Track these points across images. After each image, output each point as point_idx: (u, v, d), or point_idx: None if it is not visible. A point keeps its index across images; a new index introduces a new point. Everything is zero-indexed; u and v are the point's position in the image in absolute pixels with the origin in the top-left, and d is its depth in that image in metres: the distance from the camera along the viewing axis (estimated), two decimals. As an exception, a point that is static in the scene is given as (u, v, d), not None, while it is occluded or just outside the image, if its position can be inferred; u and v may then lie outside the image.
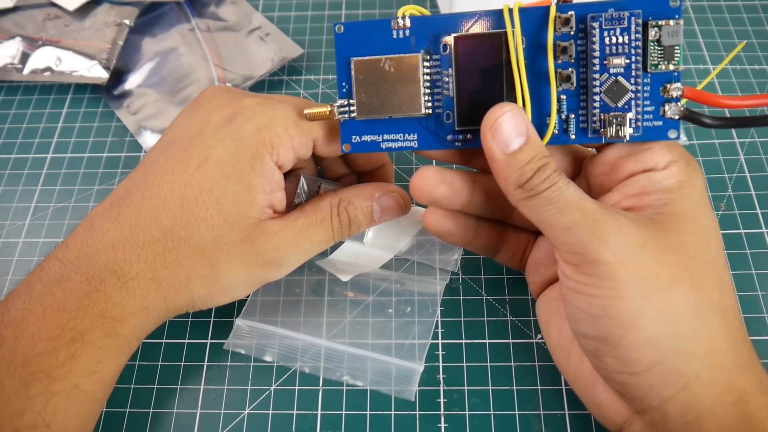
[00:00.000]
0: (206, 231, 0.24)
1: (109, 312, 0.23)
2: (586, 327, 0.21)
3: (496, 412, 0.27)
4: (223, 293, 0.26)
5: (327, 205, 0.26)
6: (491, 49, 0.23)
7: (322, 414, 0.28)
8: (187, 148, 0.25)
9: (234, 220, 0.24)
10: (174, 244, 0.24)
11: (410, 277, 0.31)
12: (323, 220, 0.26)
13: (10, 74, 0.40)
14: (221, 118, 0.25)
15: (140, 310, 0.24)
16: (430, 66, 0.24)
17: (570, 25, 0.22)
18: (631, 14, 0.21)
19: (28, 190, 0.36)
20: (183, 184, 0.24)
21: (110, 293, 0.23)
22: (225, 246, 0.24)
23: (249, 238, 0.25)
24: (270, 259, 0.25)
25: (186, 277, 0.24)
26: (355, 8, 0.43)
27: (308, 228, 0.26)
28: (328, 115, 0.24)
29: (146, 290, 0.24)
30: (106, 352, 0.23)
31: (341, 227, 0.26)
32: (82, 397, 0.22)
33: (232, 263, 0.25)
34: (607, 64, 0.22)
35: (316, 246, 0.26)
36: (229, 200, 0.24)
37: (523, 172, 0.21)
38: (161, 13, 0.43)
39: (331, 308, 0.30)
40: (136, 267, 0.24)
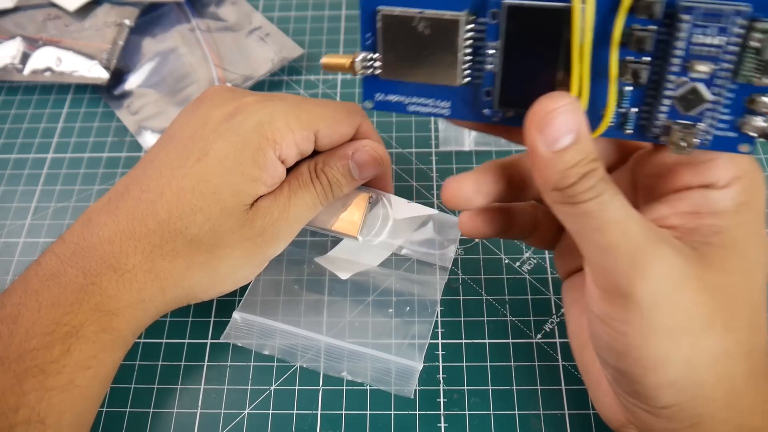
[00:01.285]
0: (203, 221, 0.24)
1: (105, 305, 0.23)
2: (606, 356, 0.20)
3: (496, 412, 0.27)
4: (224, 279, 0.26)
5: (305, 170, 0.26)
6: (550, 25, 0.18)
7: (322, 414, 0.28)
8: (187, 143, 0.25)
9: (231, 209, 0.24)
10: (171, 236, 0.24)
11: (409, 276, 0.31)
12: (306, 184, 0.26)
13: (11, 74, 0.40)
14: (222, 115, 0.25)
15: (136, 302, 0.24)
16: (473, 32, 0.19)
17: (653, 11, 0.17)
18: (736, 11, 0.17)
19: (28, 190, 0.36)
20: (181, 176, 0.24)
21: (106, 286, 0.23)
22: (223, 233, 0.24)
23: (247, 222, 0.25)
24: (267, 236, 0.25)
25: (185, 266, 0.24)
26: (355, 8, 0.43)
27: (294, 193, 0.26)
28: (347, 68, 0.21)
29: (143, 282, 0.24)
30: (101, 347, 0.23)
31: (323, 189, 0.26)
32: (77, 393, 0.22)
33: (231, 248, 0.25)
34: (688, 67, 0.18)
35: (307, 211, 0.26)
36: (228, 190, 0.24)
37: (566, 176, 0.18)
38: (161, 13, 0.43)
39: (331, 307, 0.30)
40: (132, 259, 0.24)
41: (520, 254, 0.32)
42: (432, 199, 0.34)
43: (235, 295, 0.31)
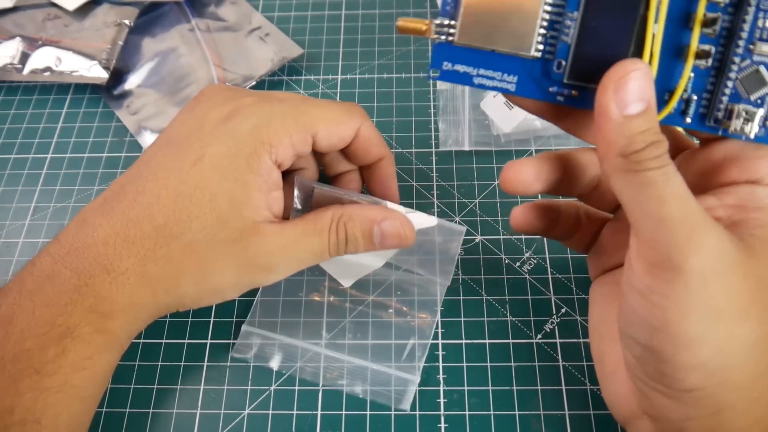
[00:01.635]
0: (198, 229, 0.24)
1: (99, 307, 0.23)
2: (638, 333, 0.20)
3: (496, 413, 0.27)
4: (211, 294, 0.25)
5: (329, 217, 0.26)
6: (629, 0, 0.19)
7: (322, 414, 0.28)
8: (184, 145, 0.25)
9: (227, 219, 0.24)
10: (165, 241, 0.24)
11: (411, 279, 0.31)
12: (321, 231, 0.25)
13: (10, 74, 0.40)
14: (219, 117, 0.25)
15: (129, 305, 0.24)
16: (553, 2, 0.20)
17: None
18: None
19: (28, 190, 0.36)
20: (178, 181, 0.24)
21: (99, 288, 0.23)
22: (217, 245, 0.24)
23: (242, 238, 0.24)
24: (261, 262, 0.25)
25: (176, 274, 0.24)
26: (355, 8, 0.43)
27: (305, 236, 0.25)
28: (423, 32, 0.21)
29: (135, 286, 0.24)
30: (96, 348, 0.23)
31: (338, 242, 0.26)
32: (73, 393, 0.22)
33: (223, 263, 0.24)
34: (752, 49, 0.19)
35: (310, 257, 0.26)
36: (224, 198, 0.24)
37: (634, 141, 0.19)
38: (161, 13, 0.43)
39: (331, 309, 0.30)
40: (126, 262, 0.23)
41: (520, 254, 0.32)
42: (432, 199, 0.34)
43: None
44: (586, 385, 0.28)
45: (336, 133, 0.26)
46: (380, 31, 0.42)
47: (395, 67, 0.40)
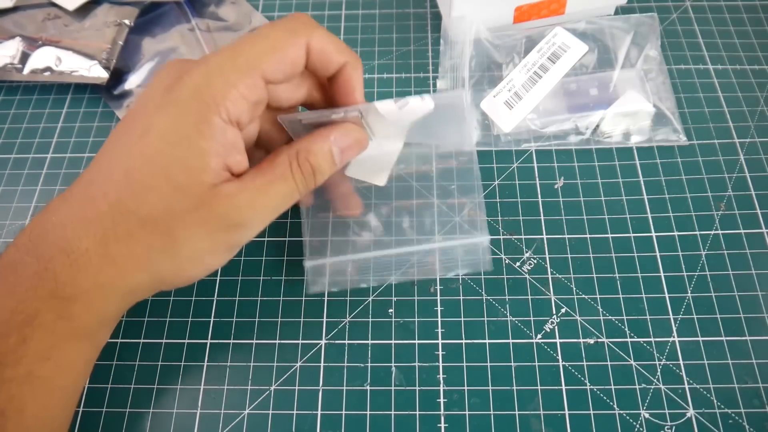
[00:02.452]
0: (156, 200, 0.23)
1: (60, 292, 0.22)
2: None
3: (496, 412, 0.27)
4: (190, 264, 0.24)
5: (285, 159, 0.25)
6: None
7: (322, 414, 0.28)
8: (131, 121, 0.24)
9: (185, 187, 0.23)
10: (123, 217, 0.23)
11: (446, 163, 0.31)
12: (283, 175, 0.25)
13: (10, 74, 0.40)
14: (163, 88, 0.24)
15: (94, 287, 0.23)
16: None
17: None
18: None
19: (28, 190, 0.36)
20: (126, 156, 0.23)
21: (59, 272, 0.22)
22: (179, 214, 0.23)
23: (204, 203, 0.23)
24: (233, 221, 0.24)
25: (144, 250, 0.23)
26: (355, 8, 0.43)
27: (269, 186, 0.24)
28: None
29: (98, 266, 0.23)
30: (60, 337, 0.22)
31: (305, 178, 0.25)
32: (39, 384, 0.21)
33: (191, 230, 0.23)
34: None
35: (281, 202, 0.25)
36: (178, 167, 0.23)
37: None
38: (161, 13, 0.43)
39: (378, 212, 0.31)
40: (84, 243, 0.22)
41: (520, 254, 0.32)
42: (432, 199, 0.34)
43: (235, 296, 0.31)
44: (586, 385, 0.28)
45: (285, 61, 0.24)
46: (380, 31, 0.42)
47: (395, 67, 0.40)
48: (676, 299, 0.30)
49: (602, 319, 0.30)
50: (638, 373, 0.28)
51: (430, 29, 0.42)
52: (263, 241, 0.33)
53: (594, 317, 0.30)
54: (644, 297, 0.30)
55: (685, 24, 0.41)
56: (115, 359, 0.29)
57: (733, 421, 0.27)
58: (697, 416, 0.27)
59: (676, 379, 0.28)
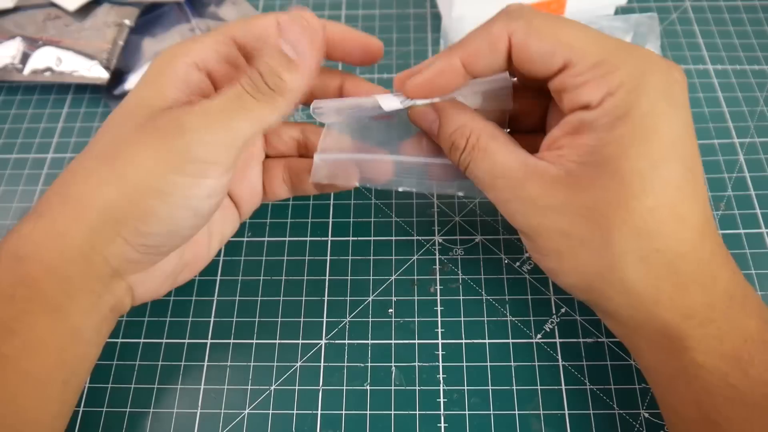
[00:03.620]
0: (108, 135, 0.23)
1: (19, 249, 0.21)
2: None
3: (496, 412, 0.27)
4: (141, 194, 0.21)
5: (241, 76, 0.23)
6: None
7: (322, 414, 0.28)
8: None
9: (132, 114, 0.23)
10: (82, 158, 0.23)
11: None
12: (231, 83, 0.23)
13: (11, 74, 0.40)
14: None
15: (52, 237, 0.21)
16: None
17: None
18: None
19: (28, 190, 0.36)
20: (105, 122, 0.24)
21: (22, 227, 0.21)
22: (125, 136, 0.22)
23: (149, 121, 0.22)
24: (174, 125, 0.22)
25: (95, 183, 0.21)
26: (355, 8, 0.43)
27: (217, 95, 0.22)
28: None
29: (57, 212, 0.21)
30: (22, 306, 0.20)
31: (253, 82, 0.22)
32: (4, 363, 0.20)
33: (134, 147, 0.21)
34: None
35: (235, 111, 0.22)
36: (136, 103, 0.23)
37: (447, 149, 0.25)
38: (161, 13, 0.43)
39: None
40: (48, 194, 0.22)
41: (520, 254, 0.32)
42: (432, 199, 0.34)
43: (235, 295, 0.31)
44: (586, 385, 0.28)
45: (253, 25, 0.25)
46: (380, 31, 0.42)
47: (395, 67, 0.40)
48: (676, 299, 0.30)
49: (602, 319, 0.30)
50: (638, 372, 0.28)
51: (430, 29, 0.42)
52: (263, 241, 0.33)
53: (594, 317, 0.30)
54: (644, 297, 0.30)
55: (684, 24, 0.41)
56: (115, 359, 0.29)
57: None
58: (697, 416, 0.27)
59: (676, 378, 0.28)
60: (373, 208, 0.33)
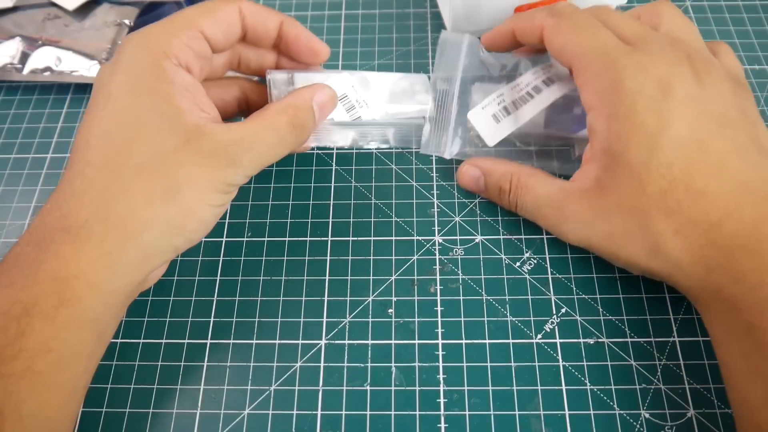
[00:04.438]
0: (142, 148, 0.23)
1: (62, 271, 0.21)
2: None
3: (496, 412, 0.27)
4: (197, 205, 0.23)
5: (275, 110, 0.26)
6: None
7: (322, 414, 0.28)
8: (93, 99, 0.25)
9: (168, 128, 0.23)
10: (114, 175, 0.22)
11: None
12: (273, 124, 0.25)
13: (10, 74, 0.40)
14: (108, 64, 0.25)
15: (98, 257, 0.21)
16: None
17: None
18: None
19: (28, 190, 0.36)
20: (97, 122, 0.23)
21: (61, 250, 0.21)
22: (170, 154, 0.23)
23: (191, 140, 0.23)
24: (222, 156, 0.23)
25: (143, 201, 0.22)
26: (355, 8, 0.43)
27: (258, 130, 0.25)
28: None
29: (102, 233, 0.21)
30: (62, 325, 0.21)
31: (294, 130, 0.26)
32: (37, 380, 0.20)
33: (186, 168, 0.23)
34: None
35: (269, 149, 0.25)
36: (152, 113, 0.23)
37: (495, 196, 0.31)
38: (161, 13, 0.43)
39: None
40: (83, 214, 0.22)
41: (520, 254, 0.32)
42: (432, 199, 0.34)
43: (235, 295, 0.31)
44: (586, 385, 0.28)
45: (219, 18, 0.26)
46: (380, 31, 0.42)
47: (395, 67, 0.40)
48: (676, 299, 0.30)
49: (602, 319, 0.30)
50: (638, 373, 0.28)
51: (430, 29, 0.42)
52: (263, 241, 0.33)
53: (594, 317, 0.30)
54: (644, 297, 0.30)
55: (685, 24, 0.41)
56: (115, 359, 0.29)
57: (733, 421, 0.27)
58: (697, 416, 0.27)
59: (676, 379, 0.28)
60: (373, 208, 0.33)
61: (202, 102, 0.25)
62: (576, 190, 0.27)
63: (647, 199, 0.24)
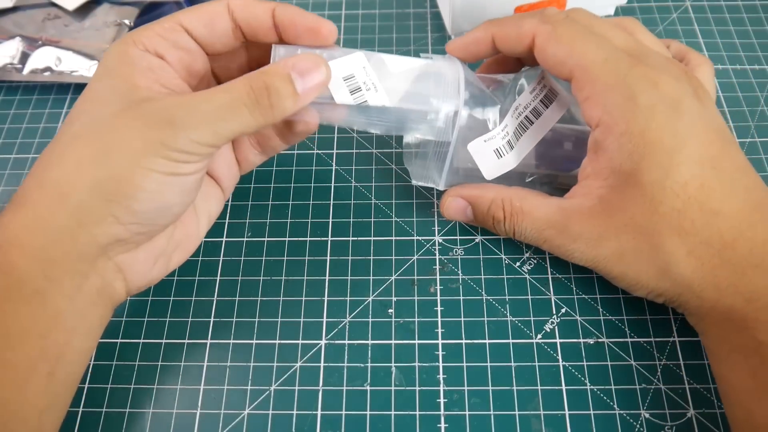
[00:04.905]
0: (83, 117, 0.23)
1: (1, 236, 0.21)
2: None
3: (496, 412, 0.27)
4: (129, 169, 0.22)
5: (240, 79, 0.23)
6: None
7: (322, 414, 0.28)
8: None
9: (111, 98, 0.23)
10: (55, 144, 0.23)
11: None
12: (230, 87, 0.23)
13: (10, 74, 0.40)
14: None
15: (31, 221, 0.21)
16: None
17: None
18: None
19: (27, 190, 0.36)
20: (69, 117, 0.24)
21: (3, 218, 0.21)
22: (106, 118, 0.22)
23: (132, 106, 0.22)
24: (163, 116, 0.22)
25: (73, 165, 0.22)
26: (355, 8, 0.43)
27: (210, 94, 0.23)
28: None
29: (36, 199, 0.21)
30: (2, 294, 0.20)
31: (254, 93, 0.23)
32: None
33: (120, 131, 0.22)
34: None
35: (220, 111, 0.22)
36: (106, 90, 0.23)
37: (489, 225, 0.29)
38: (161, 13, 0.43)
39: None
40: (27, 184, 0.22)
41: (520, 254, 0.32)
42: (432, 199, 0.34)
43: (235, 295, 0.31)
44: (586, 385, 0.28)
45: (202, 14, 0.26)
46: (380, 31, 0.42)
47: (395, 67, 0.40)
48: (677, 299, 0.30)
49: (602, 319, 0.30)
50: (638, 373, 0.28)
51: (430, 29, 0.42)
52: (263, 241, 0.33)
53: (594, 317, 0.30)
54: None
55: (685, 24, 0.41)
56: (115, 359, 0.29)
57: (733, 421, 0.27)
58: (697, 416, 0.27)
59: (676, 379, 0.28)
60: (373, 208, 0.33)
61: (167, 81, 0.24)
62: (579, 209, 0.26)
63: (660, 218, 0.24)
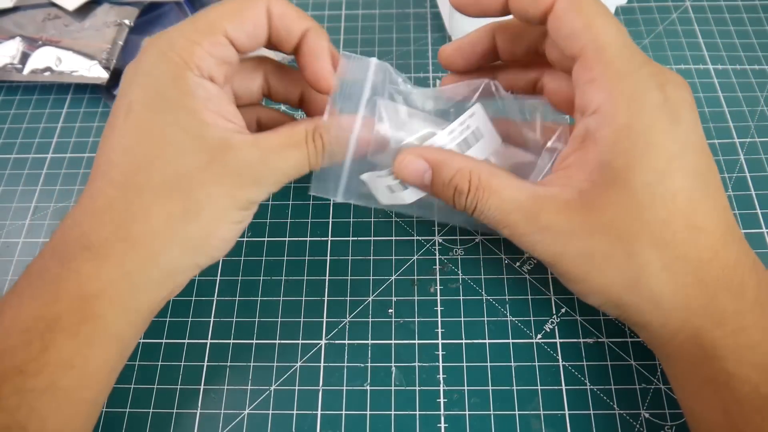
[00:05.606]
0: (164, 166, 0.22)
1: (84, 288, 0.21)
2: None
3: (496, 412, 0.27)
4: (217, 225, 0.23)
5: (303, 130, 0.25)
6: None
7: (322, 414, 0.28)
8: (114, 110, 0.24)
9: (191, 145, 0.22)
10: (135, 194, 0.22)
11: None
12: (298, 144, 0.24)
13: (10, 74, 0.40)
14: (132, 67, 0.24)
15: (120, 277, 0.21)
16: None
17: None
18: None
19: (28, 190, 0.36)
20: (119, 137, 0.23)
21: (83, 268, 0.21)
22: (192, 173, 0.22)
23: (216, 156, 0.23)
24: (247, 175, 0.23)
25: (164, 221, 0.22)
26: (355, 8, 0.43)
27: (284, 149, 0.24)
28: None
29: (122, 253, 0.21)
30: (85, 341, 0.21)
31: (316, 153, 0.25)
32: (61, 396, 0.20)
33: (209, 188, 0.23)
34: None
35: (292, 169, 0.25)
36: (175, 129, 0.22)
37: (448, 197, 0.25)
38: (161, 13, 0.43)
39: None
40: (103, 233, 0.22)
41: (520, 254, 0.32)
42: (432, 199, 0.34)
43: (235, 295, 0.31)
44: (586, 385, 0.28)
45: (245, 20, 0.24)
46: (380, 31, 0.42)
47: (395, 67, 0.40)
48: (676, 299, 0.30)
49: (602, 319, 0.30)
50: (638, 373, 0.28)
51: (430, 29, 0.42)
52: (263, 241, 0.33)
53: (594, 317, 0.30)
54: (644, 297, 0.30)
55: (685, 24, 0.41)
56: (115, 359, 0.29)
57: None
58: (697, 416, 0.27)
59: (676, 379, 0.28)
60: (373, 208, 0.33)
61: (226, 111, 0.24)
62: (554, 199, 0.23)
63: (642, 225, 0.22)
